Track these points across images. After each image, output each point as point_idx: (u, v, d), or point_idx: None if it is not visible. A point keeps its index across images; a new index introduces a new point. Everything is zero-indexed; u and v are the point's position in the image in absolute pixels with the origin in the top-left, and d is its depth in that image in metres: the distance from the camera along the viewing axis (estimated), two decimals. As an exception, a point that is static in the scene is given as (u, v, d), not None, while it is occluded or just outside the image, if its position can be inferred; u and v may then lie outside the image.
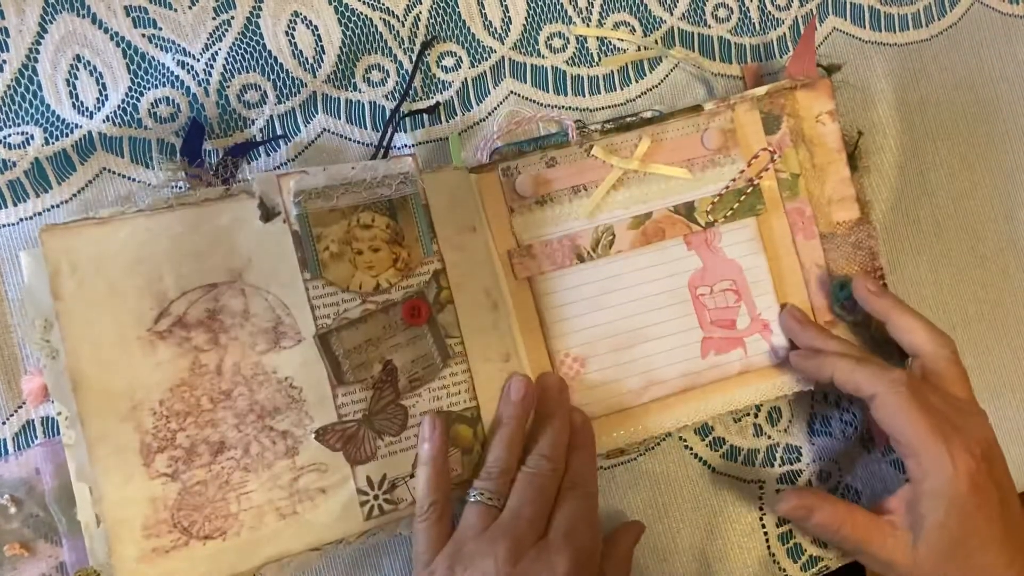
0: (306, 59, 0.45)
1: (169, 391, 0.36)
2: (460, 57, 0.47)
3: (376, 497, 0.39)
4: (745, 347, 0.46)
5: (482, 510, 0.38)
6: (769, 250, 0.46)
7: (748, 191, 0.46)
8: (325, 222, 0.39)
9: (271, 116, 0.44)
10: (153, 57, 0.43)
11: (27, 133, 0.42)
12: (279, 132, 0.44)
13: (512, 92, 0.47)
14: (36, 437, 0.41)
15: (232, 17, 0.44)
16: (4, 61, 0.42)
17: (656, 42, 0.49)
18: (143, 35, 0.43)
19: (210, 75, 0.44)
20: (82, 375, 0.35)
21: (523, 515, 0.37)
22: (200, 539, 0.36)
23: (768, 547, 0.48)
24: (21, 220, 0.41)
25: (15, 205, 0.41)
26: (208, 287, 0.37)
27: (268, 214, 0.38)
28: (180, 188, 0.41)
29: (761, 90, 0.46)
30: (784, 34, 0.50)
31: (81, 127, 0.42)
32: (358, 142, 0.45)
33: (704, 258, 0.46)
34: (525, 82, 0.47)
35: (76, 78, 0.42)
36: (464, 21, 0.47)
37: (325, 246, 0.39)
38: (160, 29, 0.43)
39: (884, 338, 0.45)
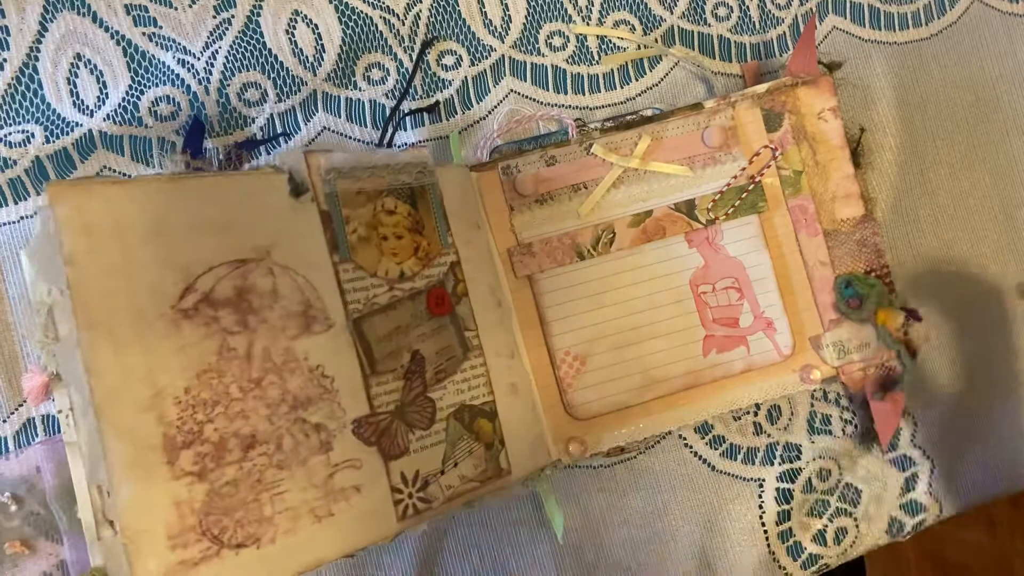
0: (306, 57, 0.45)
1: (195, 377, 0.32)
2: (460, 56, 0.47)
3: (410, 495, 0.37)
4: (748, 345, 0.46)
5: None
6: (772, 248, 0.46)
7: (750, 188, 0.46)
8: (353, 204, 0.37)
9: (271, 114, 0.44)
10: (153, 55, 0.43)
11: (28, 131, 0.42)
12: (279, 130, 0.44)
13: (512, 91, 0.47)
14: (37, 435, 0.41)
15: (232, 15, 0.44)
16: (5, 60, 0.42)
17: (656, 41, 0.49)
18: (143, 33, 0.43)
19: (211, 73, 0.44)
20: (97, 356, 0.30)
21: None
22: (232, 548, 0.32)
23: (768, 545, 0.48)
24: (22, 218, 0.41)
25: (16, 203, 0.41)
26: (236, 263, 0.33)
27: (298, 189, 0.36)
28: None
29: (762, 87, 0.46)
30: (784, 33, 0.50)
31: (82, 125, 0.42)
32: (358, 140, 0.45)
33: (706, 256, 0.46)
34: (525, 80, 0.47)
35: (77, 76, 0.43)
36: (464, 20, 0.47)
37: (353, 228, 0.37)
38: (160, 27, 0.43)
39: (891, 336, 0.45)
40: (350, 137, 0.45)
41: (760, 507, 0.48)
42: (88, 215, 0.31)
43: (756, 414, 0.48)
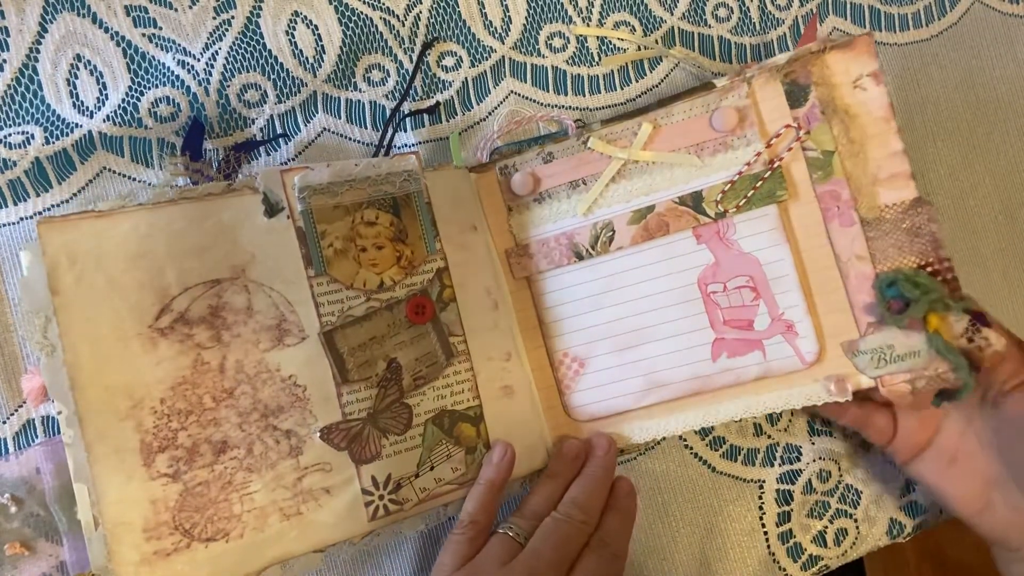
0: (306, 59, 0.45)
1: (170, 389, 0.35)
2: (460, 57, 0.47)
3: (381, 497, 0.39)
4: (764, 350, 0.41)
5: (507, 542, 0.38)
6: (794, 241, 0.41)
7: (766, 175, 0.41)
8: (329, 219, 0.39)
9: (271, 115, 0.44)
10: (153, 56, 0.43)
11: (27, 132, 0.42)
12: (279, 131, 0.44)
13: (512, 92, 0.47)
14: (37, 436, 0.41)
15: (232, 17, 0.44)
16: (4, 61, 0.42)
17: (656, 42, 0.49)
18: (143, 35, 0.43)
19: (210, 74, 0.44)
20: (81, 373, 0.34)
21: (543, 555, 0.37)
22: (202, 541, 0.35)
23: (768, 546, 0.48)
24: (22, 219, 0.41)
25: (15, 204, 0.41)
26: (211, 283, 0.37)
27: (272, 209, 0.38)
28: (182, 184, 0.41)
29: (782, 57, 0.41)
30: (784, 34, 0.50)
31: (81, 126, 0.42)
32: (358, 142, 0.45)
33: (716, 252, 0.42)
34: (525, 82, 0.47)
35: (76, 77, 0.42)
36: (464, 21, 0.47)
37: (329, 243, 0.39)
38: (160, 29, 0.43)
39: (946, 345, 0.38)
40: (350, 138, 0.45)
41: (760, 508, 0.48)
42: (74, 248, 0.34)
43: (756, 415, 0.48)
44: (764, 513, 0.48)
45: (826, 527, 0.48)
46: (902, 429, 0.44)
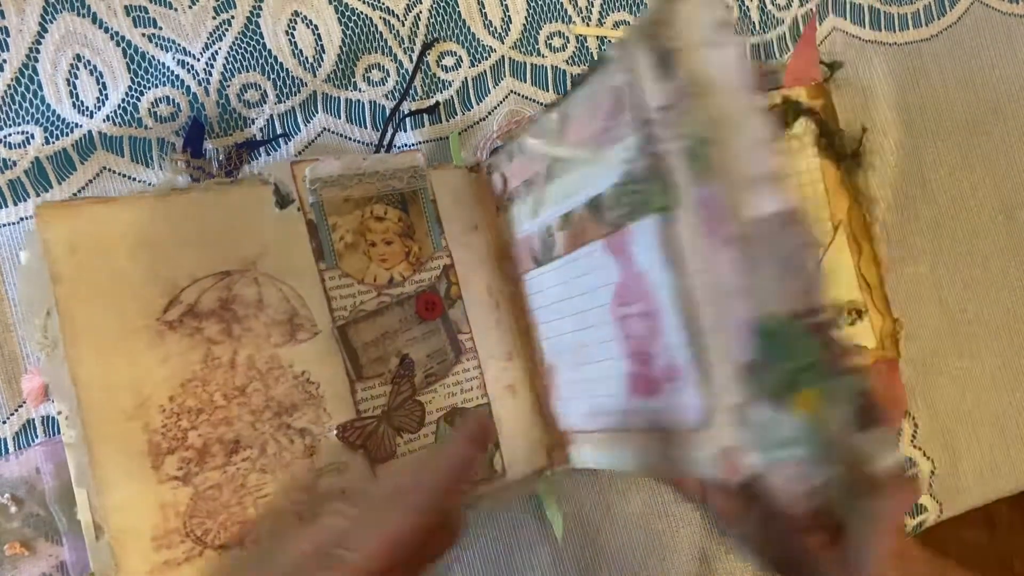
0: (306, 58, 0.45)
1: (180, 386, 0.33)
2: (460, 56, 0.47)
3: None
4: (665, 395, 0.31)
5: None
6: (682, 263, 0.29)
7: (644, 174, 0.30)
8: (340, 212, 0.38)
9: (271, 115, 0.44)
10: (153, 56, 0.43)
11: (27, 132, 0.42)
12: (279, 131, 0.44)
13: (512, 91, 0.47)
14: (36, 436, 0.41)
15: (232, 16, 0.44)
16: (4, 61, 0.42)
17: (656, 41, 0.49)
18: (143, 34, 0.43)
19: (210, 74, 0.44)
20: (83, 368, 0.32)
21: None
22: (216, 549, 0.33)
23: (768, 546, 0.48)
24: (21, 219, 0.41)
25: (15, 204, 0.41)
26: (221, 275, 0.35)
27: (283, 201, 0.37)
28: (183, 182, 0.42)
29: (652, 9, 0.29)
30: (784, 34, 0.50)
31: (81, 126, 0.42)
32: (358, 141, 0.45)
33: (623, 268, 0.33)
34: (525, 81, 0.47)
35: (76, 77, 0.42)
36: (464, 20, 0.47)
37: (340, 236, 0.38)
38: (160, 28, 0.43)
39: (825, 443, 0.25)
40: (350, 138, 0.45)
41: (760, 508, 0.48)
42: (75, 235, 0.32)
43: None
44: (764, 513, 0.48)
45: (826, 527, 0.48)
46: (712, 498, 0.35)
